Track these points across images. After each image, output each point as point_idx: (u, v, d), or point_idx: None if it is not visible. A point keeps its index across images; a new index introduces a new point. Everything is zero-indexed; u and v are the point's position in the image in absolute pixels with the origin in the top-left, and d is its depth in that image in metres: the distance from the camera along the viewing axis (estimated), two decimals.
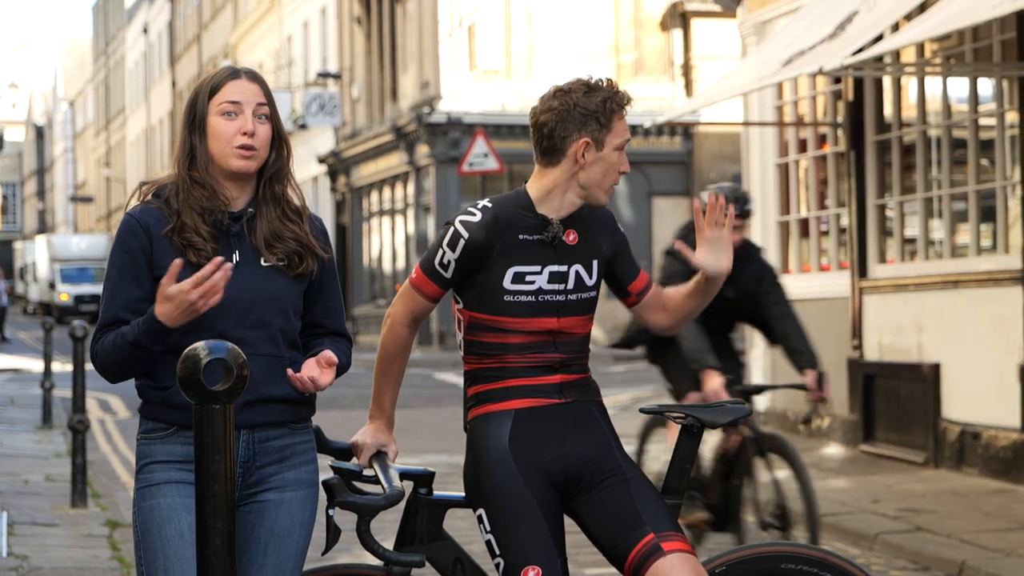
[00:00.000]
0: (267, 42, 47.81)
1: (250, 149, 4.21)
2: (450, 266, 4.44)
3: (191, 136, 4.26)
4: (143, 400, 4.25)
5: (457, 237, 4.42)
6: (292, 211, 4.31)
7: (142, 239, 4.18)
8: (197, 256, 4.15)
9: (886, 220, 13.61)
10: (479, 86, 32.94)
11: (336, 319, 4.39)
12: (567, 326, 4.49)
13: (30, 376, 27.30)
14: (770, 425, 15.26)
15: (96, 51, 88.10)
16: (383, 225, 37.81)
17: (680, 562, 4.32)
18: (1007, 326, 11.52)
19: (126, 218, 4.23)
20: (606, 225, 4.58)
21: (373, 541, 4.33)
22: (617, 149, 4.46)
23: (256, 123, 4.23)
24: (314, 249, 4.30)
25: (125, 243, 4.20)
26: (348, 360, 4.36)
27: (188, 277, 4.05)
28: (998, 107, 12.04)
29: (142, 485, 4.20)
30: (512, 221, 4.45)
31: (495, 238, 4.42)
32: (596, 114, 4.42)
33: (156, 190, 4.29)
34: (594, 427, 4.52)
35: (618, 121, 4.45)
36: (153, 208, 4.22)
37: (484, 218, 4.43)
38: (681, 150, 34.30)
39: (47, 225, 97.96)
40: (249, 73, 4.30)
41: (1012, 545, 9.02)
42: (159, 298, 4.05)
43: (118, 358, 4.15)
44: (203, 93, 4.26)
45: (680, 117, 20.42)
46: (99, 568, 8.70)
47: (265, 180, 4.28)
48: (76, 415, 11.39)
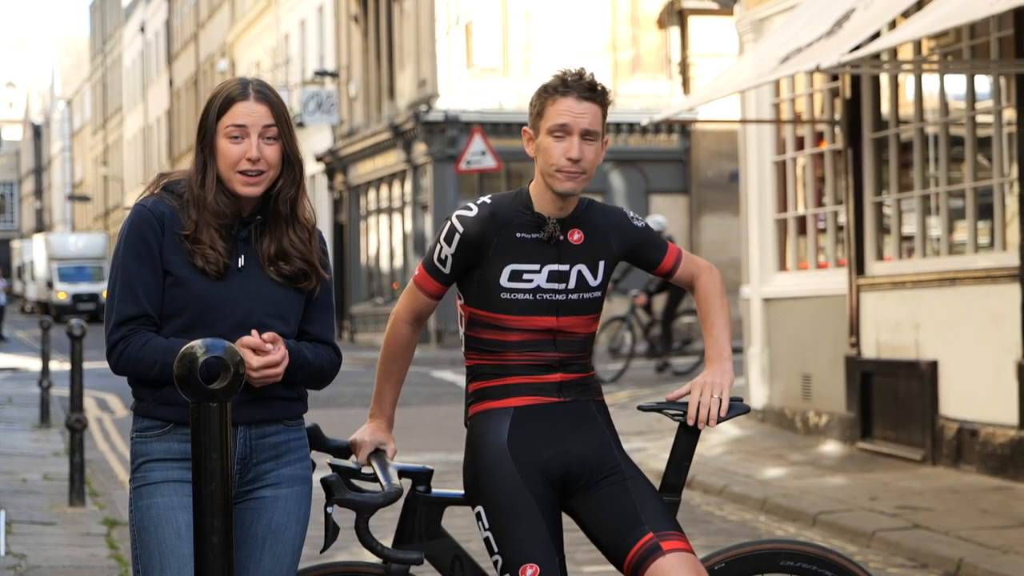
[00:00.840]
0: (264, 40, 47.79)
1: (256, 175, 4.18)
2: (447, 261, 4.45)
3: (203, 152, 4.23)
4: (137, 398, 4.24)
5: (453, 232, 4.44)
6: (302, 230, 4.29)
7: (156, 231, 4.16)
8: (204, 263, 4.15)
9: (883, 217, 13.61)
10: (476, 84, 32.93)
11: (322, 328, 4.36)
12: (567, 325, 4.49)
13: (28, 375, 27.30)
14: (768, 422, 15.28)
15: (93, 50, 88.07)
16: (380, 223, 37.80)
17: (680, 561, 4.32)
18: (1004, 323, 11.52)
19: (139, 209, 4.19)
20: (616, 224, 4.56)
21: (372, 539, 4.33)
22: (551, 134, 4.40)
23: (263, 145, 4.18)
24: (319, 270, 4.29)
25: (140, 232, 4.16)
26: (325, 366, 4.32)
27: (195, 281, 4.11)
28: (995, 104, 12.04)
29: (139, 484, 4.19)
30: (509, 218, 4.45)
31: (490, 234, 4.42)
32: (533, 104, 4.47)
33: (169, 184, 4.27)
34: (593, 426, 4.52)
35: (551, 105, 4.40)
36: (168, 203, 4.21)
37: (480, 213, 4.44)
38: (678, 148, 34.31)
39: (45, 224, 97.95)
40: (259, 92, 4.22)
41: (1010, 542, 9.03)
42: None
43: (148, 372, 4.12)
44: (212, 111, 4.21)
45: (677, 115, 20.41)
46: (97, 567, 8.70)
47: (274, 199, 4.25)
48: (74, 414, 11.39)
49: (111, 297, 4.21)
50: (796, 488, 11.48)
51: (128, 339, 4.14)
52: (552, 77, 4.45)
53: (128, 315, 4.14)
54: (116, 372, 4.21)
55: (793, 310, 14.91)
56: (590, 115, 4.39)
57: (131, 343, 4.14)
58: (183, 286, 4.15)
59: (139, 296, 4.14)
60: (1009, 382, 11.42)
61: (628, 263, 4.67)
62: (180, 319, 4.17)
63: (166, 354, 4.08)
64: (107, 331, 4.18)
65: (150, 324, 4.16)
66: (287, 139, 4.23)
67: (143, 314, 4.15)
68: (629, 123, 32.59)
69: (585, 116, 4.38)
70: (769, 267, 15.34)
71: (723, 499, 11.51)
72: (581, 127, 4.38)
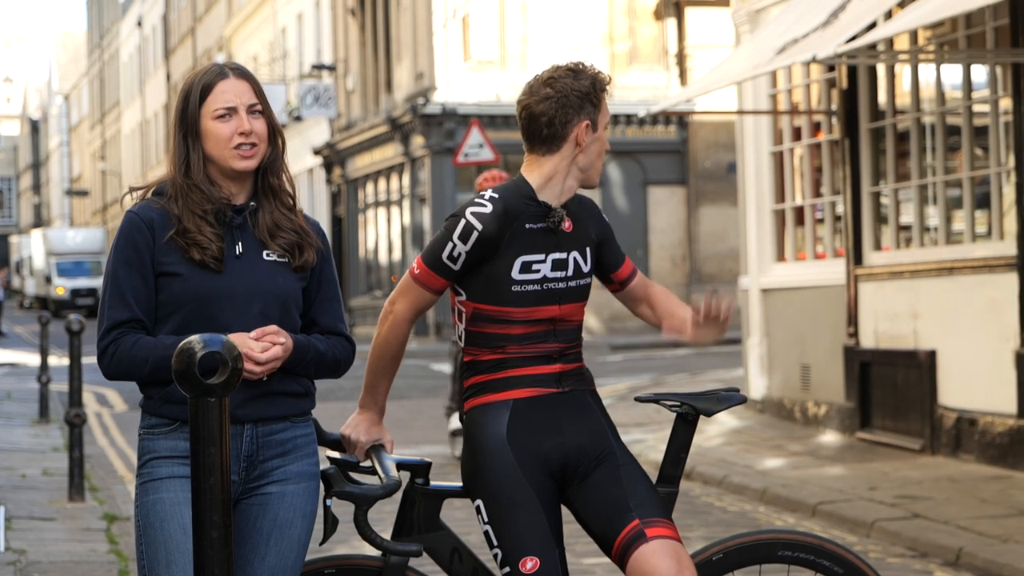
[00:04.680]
0: (261, 34, 47.77)
1: (250, 147, 4.22)
2: (460, 258, 4.42)
3: (185, 140, 4.24)
4: (145, 396, 4.24)
5: (470, 229, 4.40)
6: (287, 197, 4.33)
7: (147, 236, 4.17)
8: (202, 254, 4.15)
9: (881, 207, 13.62)
10: (474, 77, 32.92)
11: (332, 319, 4.36)
12: (567, 313, 4.51)
13: (27, 370, 27.30)
14: (767, 413, 15.29)
15: (90, 45, 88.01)
16: (379, 216, 37.80)
17: (661, 548, 4.31)
18: (1002, 312, 11.53)
19: (129, 215, 4.21)
20: (592, 213, 4.61)
21: (371, 531, 4.34)
22: (605, 128, 4.53)
23: (251, 120, 4.23)
24: (312, 239, 4.30)
25: (131, 239, 4.17)
26: (339, 355, 4.33)
27: (194, 274, 4.12)
28: (992, 94, 12.04)
29: (145, 480, 4.20)
30: (519, 211, 4.46)
31: (505, 229, 4.42)
32: (590, 96, 4.46)
33: (157, 188, 4.28)
34: (591, 416, 4.53)
35: (605, 100, 4.51)
36: (156, 207, 4.21)
37: (496, 209, 4.42)
38: (676, 139, 34.30)
39: (43, 219, 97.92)
40: (237, 70, 4.28)
41: (1009, 531, 9.04)
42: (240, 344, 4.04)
43: (141, 369, 4.13)
44: (194, 96, 4.23)
45: (675, 106, 20.42)
46: (97, 562, 8.70)
47: (262, 173, 4.29)
48: (73, 409, 11.39)
49: (102, 304, 4.22)
50: (795, 478, 11.49)
51: (118, 341, 4.15)
52: (589, 71, 4.48)
53: (119, 320, 4.15)
54: (108, 376, 4.20)
55: (791, 301, 14.92)
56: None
57: (121, 345, 4.15)
58: (183, 282, 4.15)
59: (129, 301, 4.15)
60: (1007, 371, 11.43)
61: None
62: (177, 317, 4.16)
63: (157, 349, 4.10)
64: (98, 337, 4.20)
65: (140, 328, 4.17)
66: (268, 113, 4.29)
67: (133, 318, 4.15)
68: (626, 115, 32.58)
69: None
70: (767, 258, 15.34)
71: (722, 490, 11.52)
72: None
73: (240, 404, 4.14)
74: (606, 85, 4.49)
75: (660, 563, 4.28)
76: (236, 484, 4.20)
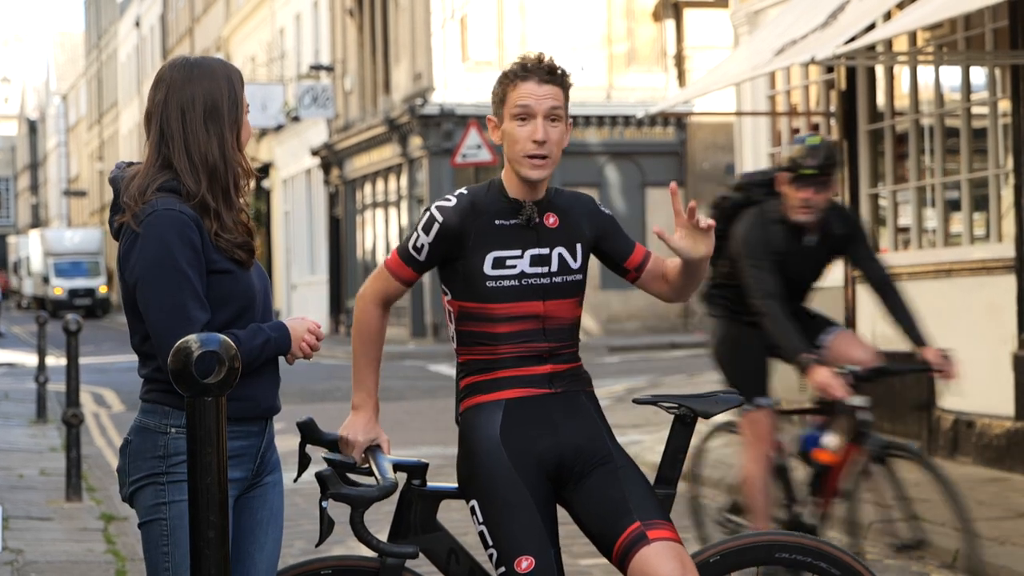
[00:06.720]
0: (259, 35, 47.76)
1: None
2: (423, 249, 4.48)
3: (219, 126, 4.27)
4: (175, 394, 4.20)
5: (432, 221, 4.47)
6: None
7: (198, 235, 4.14)
8: (245, 253, 4.22)
9: (879, 209, 13.61)
10: (472, 77, 32.92)
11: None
12: (553, 310, 4.50)
13: (24, 370, 27.28)
14: None
15: (88, 45, 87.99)
16: (376, 217, 37.80)
17: (664, 550, 4.31)
18: (1000, 315, 11.52)
19: (175, 214, 4.11)
20: (586, 209, 4.60)
21: (367, 533, 4.33)
22: (516, 118, 4.45)
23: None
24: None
25: (187, 239, 4.11)
26: None
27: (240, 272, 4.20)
28: (991, 95, 12.04)
29: (176, 479, 4.13)
30: (487, 207, 4.48)
31: (469, 224, 4.45)
32: (495, 92, 4.51)
33: (164, 185, 4.19)
34: (586, 416, 4.52)
35: (513, 91, 4.45)
36: (188, 206, 4.16)
37: (459, 204, 4.48)
38: (674, 140, 34.31)
39: (40, 219, 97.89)
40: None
41: (1006, 533, 9.03)
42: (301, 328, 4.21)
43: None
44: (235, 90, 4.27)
45: (673, 107, 20.41)
46: (94, 561, 8.70)
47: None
48: (70, 409, 11.39)
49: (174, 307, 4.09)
50: (793, 480, 11.45)
51: None
52: (512, 64, 4.48)
53: (202, 321, 4.10)
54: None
55: None
56: (551, 97, 4.42)
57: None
58: (233, 279, 4.19)
59: (204, 302, 4.12)
60: (1005, 373, 11.43)
61: (597, 257, 4.65)
62: (222, 313, 4.16)
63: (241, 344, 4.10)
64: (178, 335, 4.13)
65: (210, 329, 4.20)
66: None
67: (209, 320, 4.13)
68: (625, 116, 32.60)
69: (547, 99, 4.41)
70: None
71: (719, 491, 11.50)
72: (544, 109, 4.41)
73: (272, 397, 4.26)
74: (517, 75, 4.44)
75: (663, 565, 4.28)
76: (246, 481, 4.23)
